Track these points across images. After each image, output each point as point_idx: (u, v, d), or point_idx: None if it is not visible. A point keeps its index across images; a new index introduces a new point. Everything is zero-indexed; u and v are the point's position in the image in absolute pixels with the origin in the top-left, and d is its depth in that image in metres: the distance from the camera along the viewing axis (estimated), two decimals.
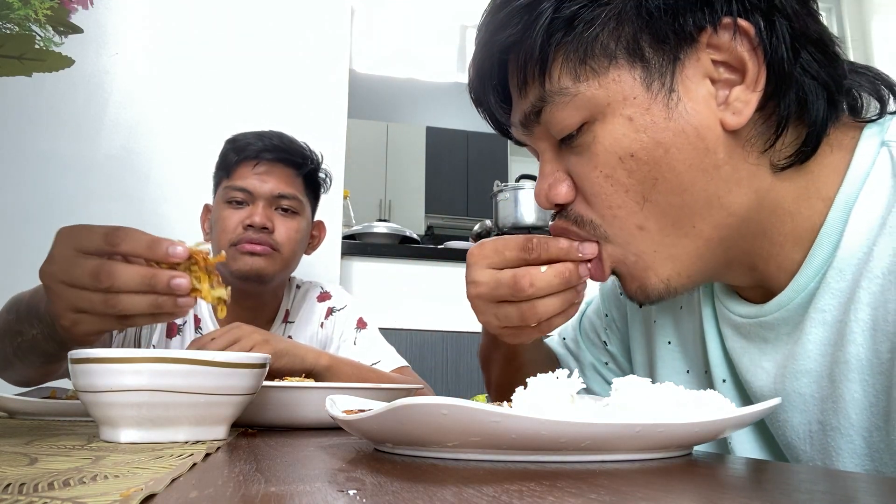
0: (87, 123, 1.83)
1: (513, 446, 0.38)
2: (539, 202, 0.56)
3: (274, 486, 0.31)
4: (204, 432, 0.51)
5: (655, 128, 0.49)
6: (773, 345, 0.55)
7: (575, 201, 0.54)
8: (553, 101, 0.51)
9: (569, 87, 0.50)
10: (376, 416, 0.38)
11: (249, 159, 1.18)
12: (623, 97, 0.49)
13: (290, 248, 1.19)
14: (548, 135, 0.55)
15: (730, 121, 0.49)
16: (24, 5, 0.47)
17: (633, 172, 0.50)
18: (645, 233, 0.51)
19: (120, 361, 0.48)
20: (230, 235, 1.14)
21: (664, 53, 0.49)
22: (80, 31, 0.55)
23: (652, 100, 0.49)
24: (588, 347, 0.81)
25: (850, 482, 0.37)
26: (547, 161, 0.56)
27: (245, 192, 1.16)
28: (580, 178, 0.53)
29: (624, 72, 0.49)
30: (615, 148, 0.50)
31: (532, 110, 0.53)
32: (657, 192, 0.50)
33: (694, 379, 0.65)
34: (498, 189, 2.53)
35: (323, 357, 0.97)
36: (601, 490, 0.30)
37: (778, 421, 0.54)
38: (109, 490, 0.28)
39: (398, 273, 2.11)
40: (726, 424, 0.42)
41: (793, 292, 0.52)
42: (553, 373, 0.43)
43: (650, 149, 0.49)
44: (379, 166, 5.25)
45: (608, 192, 0.51)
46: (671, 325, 0.68)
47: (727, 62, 0.49)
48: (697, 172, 0.49)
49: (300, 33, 2.02)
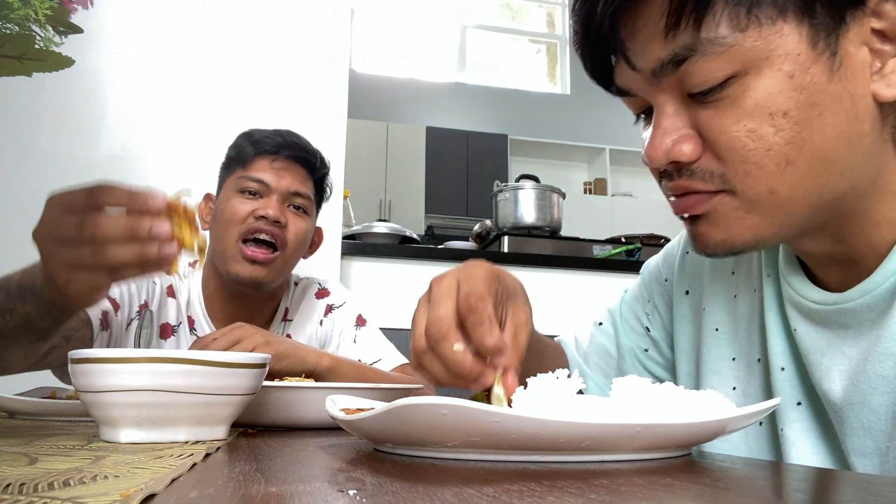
0: (87, 123, 1.83)
1: (513, 446, 0.38)
2: (652, 158, 0.52)
3: (274, 486, 0.31)
4: (204, 432, 0.51)
5: (814, 88, 0.47)
6: (856, 330, 0.54)
7: (702, 158, 0.51)
8: (703, 51, 0.47)
9: (726, 36, 0.47)
10: (376, 416, 0.38)
11: (268, 153, 1.17)
12: (785, 52, 0.47)
13: (294, 249, 1.17)
14: (677, 87, 0.51)
15: (884, 92, 0.48)
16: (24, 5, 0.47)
17: (781, 130, 0.47)
18: (774, 197, 0.49)
19: (120, 361, 0.48)
20: (240, 226, 1.12)
21: (833, 12, 0.47)
22: (80, 31, 0.55)
23: (815, 59, 0.47)
24: (628, 333, 0.80)
25: (850, 482, 0.37)
26: (668, 115, 0.52)
27: (261, 184, 1.14)
28: (714, 133, 0.50)
29: (791, 26, 0.47)
30: (767, 103, 0.47)
31: (673, 59, 0.49)
32: (802, 156, 0.48)
33: (741, 366, 0.64)
34: (498, 189, 2.53)
35: (324, 358, 0.97)
36: (601, 490, 0.30)
37: (853, 404, 0.53)
38: (109, 490, 0.28)
39: (398, 273, 2.11)
40: (726, 424, 0.42)
41: (882, 277, 0.51)
42: (553, 373, 0.43)
43: (805, 109, 0.47)
44: (379, 166, 5.25)
45: (749, 148, 0.48)
46: (722, 312, 0.67)
47: (885, 32, 0.48)
48: (844, 140, 0.48)
49: (300, 33, 2.02)
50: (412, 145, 5.39)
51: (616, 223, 5.11)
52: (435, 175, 5.33)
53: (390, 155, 5.31)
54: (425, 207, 5.23)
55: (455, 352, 0.48)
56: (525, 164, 5.50)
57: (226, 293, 1.19)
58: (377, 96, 5.56)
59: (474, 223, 2.79)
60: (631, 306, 0.80)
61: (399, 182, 5.25)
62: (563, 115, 5.93)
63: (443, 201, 5.28)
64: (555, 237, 2.48)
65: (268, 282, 1.14)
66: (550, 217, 2.48)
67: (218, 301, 1.20)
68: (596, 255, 2.41)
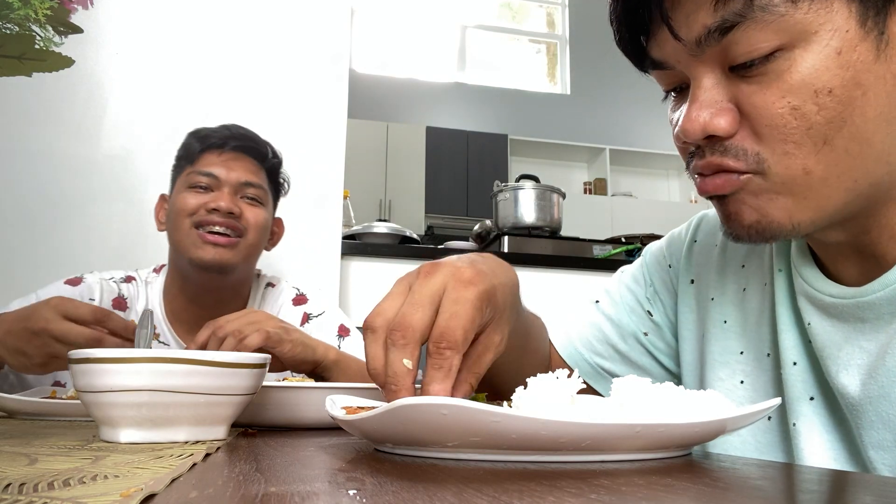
0: (87, 123, 1.83)
1: (513, 446, 0.38)
2: (688, 132, 0.50)
3: (274, 486, 0.31)
4: (204, 432, 0.51)
5: (861, 66, 0.46)
6: (874, 324, 0.53)
7: (737, 134, 0.50)
8: (754, 18, 0.46)
9: (779, 5, 0.46)
10: (376, 416, 0.38)
11: (215, 147, 1.16)
12: (834, 28, 0.46)
13: (256, 235, 1.17)
14: (719, 58, 0.50)
15: None
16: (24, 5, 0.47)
17: (824, 109, 0.47)
18: (809, 177, 0.49)
19: (120, 361, 0.48)
20: (193, 217, 1.11)
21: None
22: (80, 31, 0.55)
23: (863, 37, 0.47)
24: (628, 314, 0.78)
25: (850, 482, 0.37)
26: (707, 88, 0.50)
27: (211, 177, 1.14)
28: (756, 108, 0.49)
29: (841, 2, 0.46)
30: (813, 79, 0.46)
31: (721, 25, 0.47)
32: (840, 136, 0.47)
33: (750, 360, 0.64)
34: (498, 189, 2.53)
35: (331, 351, 0.96)
36: (601, 490, 0.30)
37: (870, 397, 0.53)
38: (109, 490, 0.28)
39: (398, 273, 2.10)
40: (726, 424, 0.42)
41: None
42: (553, 373, 0.43)
43: (850, 87, 0.47)
44: (379, 166, 5.25)
45: (791, 125, 0.47)
46: (731, 304, 0.66)
47: None
48: (883, 123, 0.48)
49: (300, 33, 2.02)
50: (412, 145, 5.39)
51: (616, 223, 5.11)
52: (435, 175, 5.33)
53: (390, 155, 5.31)
54: (425, 207, 5.23)
55: (402, 363, 0.45)
56: (525, 164, 5.51)
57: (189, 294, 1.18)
58: (377, 96, 5.57)
59: (474, 223, 2.80)
60: (630, 288, 0.79)
61: (399, 182, 5.25)
62: (563, 115, 5.93)
63: (443, 201, 5.28)
64: (555, 237, 2.48)
65: (233, 264, 1.13)
66: (550, 217, 2.48)
67: (181, 302, 1.19)
68: (596, 255, 2.42)
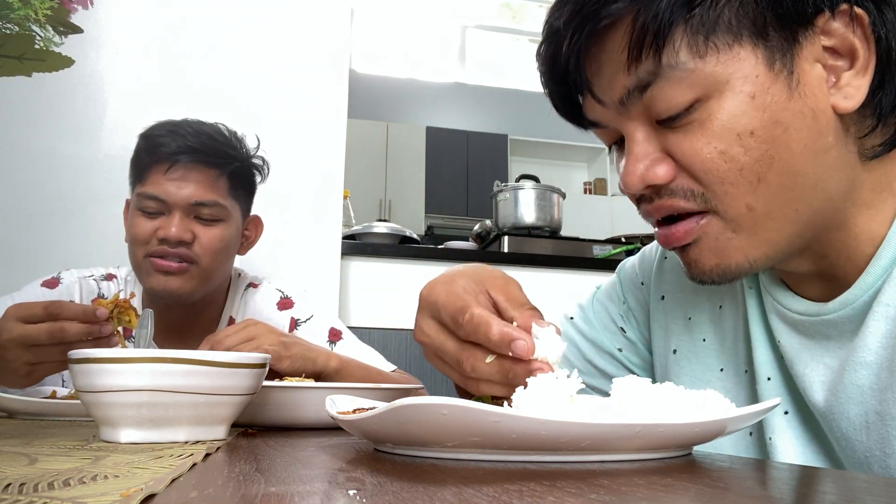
0: (87, 123, 1.83)
1: (513, 446, 0.38)
2: (629, 185, 0.53)
3: (274, 486, 0.31)
4: (204, 432, 0.51)
5: (776, 107, 0.49)
6: (837, 341, 0.55)
7: (677, 178, 0.53)
8: (666, 77, 0.50)
9: (687, 62, 0.49)
10: (376, 416, 0.38)
11: (163, 162, 1.03)
12: (744, 75, 0.49)
13: (211, 261, 1.06)
14: (644, 114, 0.53)
15: (842, 104, 0.50)
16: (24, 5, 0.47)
17: (749, 150, 0.49)
18: (754, 214, 0.51)
19: (120, 361, 0.48)
20: (145, 246, 1.03)
21: (785, 34, 0.49)
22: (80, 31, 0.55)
23: (773, 80, 0.49)
24: (601, 331, 0.79)
25: (850, 482, 0.37)
26: (639, 142, 0.53)
27: (158, 202, 1.03)
28: (688, 156, 0.51)
29: (746, 50, 0.49)
30: (734, 124, 0.49)
31: (638, 85, 0.51)
32: (772, 173, 0.50)
33: (729, 377, 0.65)
34: (498, 189, 2.53)
35: (333, 359, 0.94)
36: (601, 490, 0.30)
37: (833, 413, 0.54)
38: (109, 490, 0.28)
39: (398, 273, 2.11)
40: (726, 424, 0.42)
41: (860, 290, 0.53)
42: (553, 372, 0.43)
43: (769, 127, 0.49)
44: (379, 166, 5.24)
45: (723, 168, 0.50)
46: (708, 323, 0.68)
47: (836, 48, 0.50)
48: (810, 155, 0.50)
49: (300, 33, 2.02)
50: (412, 145, 5.38)
51: (616, 223, 5.11)
52: (435, 175, 5.32)
53: (390, 155, 5.31)
54: (425, 207, 5.23)
55: (487, 362, 0.47)
56: (525, 164, 5.50)
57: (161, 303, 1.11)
58: (377, 96, 5.56)
59: (474, 223, 2.79)
60: (604, 304, 0.80)
61: (399, 182, 5.24)
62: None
63: (443, 201, 5.27)
64: (555, 237, 2.48)
65: (186, 293, 1.05)
66: (550, 217, 2.48)
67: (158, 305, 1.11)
68: (596, 255, 2.41)
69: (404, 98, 5.77)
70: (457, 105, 5.91)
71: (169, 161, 1.03)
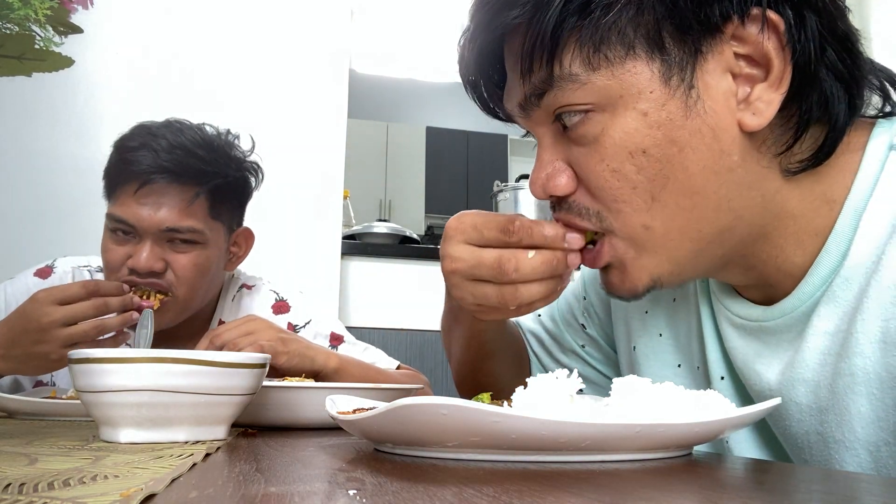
0: (87, 123, 1.83)
1: (513, 446, 0.38)
2: (534, 192, 0.53)
3: (274, 486, 0.31)
4: (204, 432, 0.51)
5: (671, 125, 0.46)
6: (774, 349, 0.53)
7: (577, 192, 0.52)
8: (560, 87, 0.48)
9: (580, 74, 0.47)
10: (376, 416, 0.38)
11: (132, 181, 0.93)
12: (638, 91, 0.47)
13: (187, 290, 0.98)
14: (548, 119, 0.51)
15: (749, 122, 0.47)
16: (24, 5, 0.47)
17: (642, 169, 0.47)
18: (650, 232, 0.49)
19: (120, 361, 0.48)
20: (115, 275, 0.96)
21: (686, 45, 0.46)
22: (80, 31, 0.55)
23: (670, 96, 0.46)
24: (565, 328, 0.79)
25: (850, 482, 0.37)
26: (545, 147, 0.52)
27: (127, 226, 0.94)
28: (584, 170, 0.50)
29: (641, 63, 0.46)
30: (625, 142, 0.47)
31: (534, 93, 0.50)
32: (667, 193, 0.48)
33: (686, 373, 0.64)
34: (498, 189, 2.53)
35: (332, 358, 0.93)
36: (601, 490, 0.30)
37: (778, 427, 0.53)
38: (109, 490, 0.28)
39: (398, 273, 2.11)
40: (726, 424, 0.42)
41: (798, 301, 0.51)
42: (553, 373, 0.43)
43: (663, 146, 0.47)
44: (379, 166, 5.25)
45: (614, 186, 0.48)
46: (664, 318, 0.66)
47: (750, 56, 0.47)
48: (710, 175, 0.47)
49: (300, 33, 2.02)
50: (412, 145, 5.38)
51: None
52: (435, 175, 5.33)
53: (390, 155, 5.31)
54: (425, 207, 5.23)
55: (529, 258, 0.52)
56: (525, 164, 5.49)
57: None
58: (377, 96, 5.56)
59: None
60: (568, 301, 0.80)
61: (399, 182, 5.24)
62: None
63: (443, 201, 5.27)
64: None
65: (163, 325, 0.98)
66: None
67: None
68: None
69: (404, 98, 5.77)
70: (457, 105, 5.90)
71: (138, 181, 0.93)
